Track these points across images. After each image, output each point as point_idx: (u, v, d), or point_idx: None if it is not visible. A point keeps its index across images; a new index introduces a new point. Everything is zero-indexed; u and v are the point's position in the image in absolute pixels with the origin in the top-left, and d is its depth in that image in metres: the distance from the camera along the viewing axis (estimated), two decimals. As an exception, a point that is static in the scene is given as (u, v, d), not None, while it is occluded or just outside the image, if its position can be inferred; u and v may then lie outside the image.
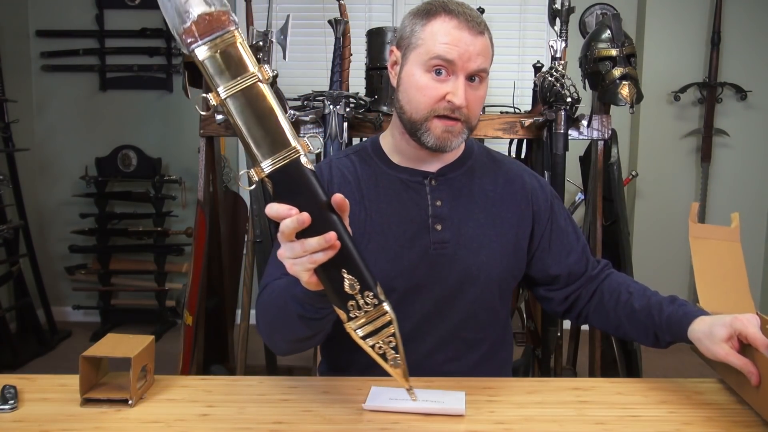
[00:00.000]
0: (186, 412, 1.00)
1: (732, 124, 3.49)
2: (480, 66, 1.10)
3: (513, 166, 1.27)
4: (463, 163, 1.22)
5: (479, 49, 1.09)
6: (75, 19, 3.68)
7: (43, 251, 3.65)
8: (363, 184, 1.20)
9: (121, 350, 1.03)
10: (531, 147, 2.49)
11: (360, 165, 1.22)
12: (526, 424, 0.97)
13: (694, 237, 1.29)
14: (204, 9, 0.81)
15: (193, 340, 2.35)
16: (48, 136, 3.75)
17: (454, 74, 1.09)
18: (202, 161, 2.36)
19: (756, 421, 0.98)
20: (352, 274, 0.84)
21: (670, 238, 3.40)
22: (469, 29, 1.09)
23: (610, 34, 2.26)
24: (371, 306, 0.85)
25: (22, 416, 0.98)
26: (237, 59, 0.83)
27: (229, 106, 0.83)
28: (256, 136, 0.83)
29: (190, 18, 0.81)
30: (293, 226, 0.82)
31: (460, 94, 1.08)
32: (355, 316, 0.86)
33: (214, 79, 0.82)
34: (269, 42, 2.28)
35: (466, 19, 1.10)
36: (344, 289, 0.85)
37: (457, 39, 1.08)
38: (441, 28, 1.09)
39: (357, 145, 1.29)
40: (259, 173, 0.84)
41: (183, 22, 0.81)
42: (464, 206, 1.19)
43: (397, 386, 1.06)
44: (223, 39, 0.82)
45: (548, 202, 1.25)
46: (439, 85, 1.09)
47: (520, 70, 3.44)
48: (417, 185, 1.19)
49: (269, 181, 0.83)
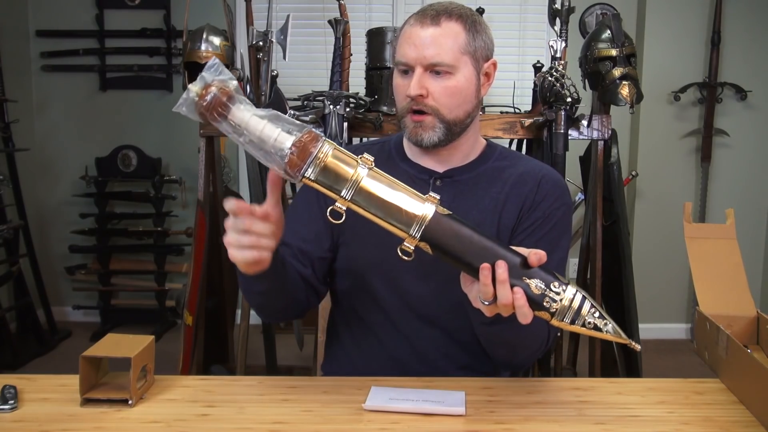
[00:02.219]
0: (186, 412, 1.00)
1: (732, 124, 3.48)
2: (433, 55, 1.10)
3: (533, 166, 1.23)
4: (473, 168, 1.21)
5: (431, 39, 1.11)
6: (75, 19, 3.67)
7: (43, 251, 3.64)
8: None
9: (121, 350, 1.03)
10: (531, 147, 2.49)
11: (378, 155, 1.22)
12: (526, 424, 0.97)
13: (690, 237, 1.29)
14: (292, 140, 0.87)
15: (193, 340, 2.35)
16: (48, 136, 3.75)
17: (413, 69, 1.12)
18: (202, 161, 2.36)
19: (754, 421, 0.98)
20: (531, 278, 0.90)
21: (670, 238, 3.39)
22: (422, 23, 1.12)
23: (610, 34, 2.26)
24: (561, 293, 0.90)
25: (22, 416, 0.98)
26: (341, 164, 0.90)
27: (358, 204, 0.90)
28: (393, 214, 0.90)
29: (286, 153, 0.87)
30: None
31: (413, 84, 1.11)
32: (555, 310, 0.90)
33: (333, 189, 0.90)
34: (269, 42, 2.28)
35: (423, 14, 1.13)
36: (535, 294, 0.90)
37: (409, 36, 1.13)
38: (404, 32, 1.15)
39: (383, 138, 1.34)
40: (413, 242, 0.91)
41: (283, 159, 0.88)
42: (463, 209, 1.17)
43: (397, 386, 1.06)
44: (320, 154, 0.89)
45: (545, 212, 1.18)
46: (405, 83, 1.14)
47: (520, 70, 3.43)
48: (422, 182, 1.20)
49: (426, 244, 0.91)
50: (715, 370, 1.16)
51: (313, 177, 0.88)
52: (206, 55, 2.29)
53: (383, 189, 0.90)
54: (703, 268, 1.26)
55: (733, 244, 1.28)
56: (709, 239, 1.29)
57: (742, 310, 1.23)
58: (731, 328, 1.17)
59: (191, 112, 0.89)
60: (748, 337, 1.23)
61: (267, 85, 2.27)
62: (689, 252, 1.27)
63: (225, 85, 0.88)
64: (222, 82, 0.88)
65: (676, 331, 3.60)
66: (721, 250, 1.27)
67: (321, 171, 0.88)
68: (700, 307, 1.22)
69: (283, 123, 0.89)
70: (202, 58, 2.28)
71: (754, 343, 1.23)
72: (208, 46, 2.30)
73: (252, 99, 2.25)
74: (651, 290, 3.40)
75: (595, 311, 0.90)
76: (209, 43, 2.30)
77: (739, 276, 1.25)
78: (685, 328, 3.62)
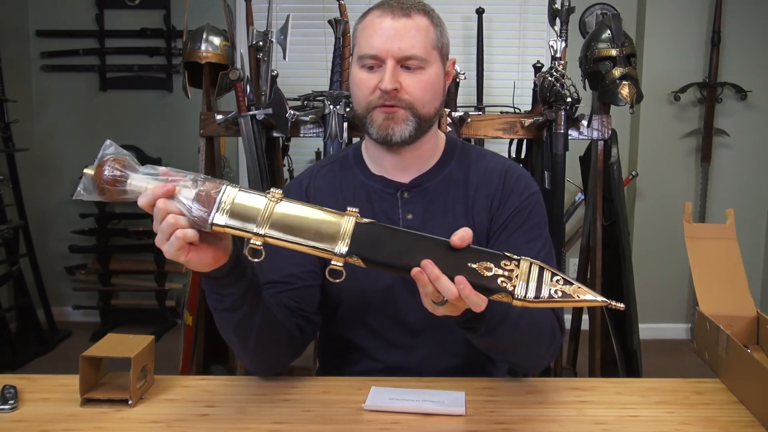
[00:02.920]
0: (186, 412, 1.00)
1: (732, 124, 3.48)
2: (406, 47, 1.06)
3: (494, 164, 1.20)
4: (439, 172, 1.18)
5: (403, 30, 1.07)
6: (75, 19, 3.67)
7: (43, 251, 3.64)
8: (343, 194, 1.18)
9: (121, 350, 1.03)
10: (531, 147, 2.49)
11: (341, 174, 1.21)
12: (526, 424, 0.97)
13: (690, 237, 1.28)
14: (194, 192, 0.86)
15: (193, 340, 2.35)
16: (48, 136, 3.75)
17: (383, 62, 1.07)
18: (202, 161, 2.36)
19: (754, 421, 0.98)
20: (477, 262, 0.85)
21: (670, 238, 3.39)
22: (391, 13, 1.08)
23: (610, 34, 2.26)
24: (514, 269, 0.85)
25: (22, 416, 0.98)
26: (248, 204, 0.86)
27: (275, 238, 0.86)
28: (313, 238, 0.86)
29: (194, 206, 0.86)
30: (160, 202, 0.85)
31: (387, 78, 1.06)
32: (513, 287, 0.84)
33: (245, 230, 0.85)
34: (269, 42, 2.28)
35: (390, 5, 1.09)
36: (485, 276, 0.84)
37: (378, 28, 1.08)
38: (368, 24, 1.10)
39: (342, 151, 1.27)
40: (340, 260, 0.85)
41: (190, 212, 0.86)
42: (437, 218, 1.15)
43: (397, 386, 1.06)
44: (225, 198, 0.86)
45: (515, 207, 1.15)
46: (372, 76, 1.09)
47: (520, 70, 3.43)
48: (389, 197, 1.16)
49: (356, 258, 0.86)
50: (715, 370, 1.16)
51: (222, 223, 0.85)
52: (206, 55, 2.29)
53: (297, 217, 0.86)
54: (703, 268, 1.26)
55: (733, 244, 1.28)
56: (709, 239, 1.28)
57: (742, 310, 1.23)
58: (731, 328, 1.17)
59: (91, 192, 0.87)
60: (748, 337, 1.23)
61: (267, 85, 2.27)
62: (689, 252, 1.27)
63: (119, 156, 0.87)
64: (116, 155, 0.88)
65: (676, 331, 3.60)
66: (721, 250, 1.27)
67: (230, 215, 0.85)
68: (700, 307, 1.22)
69: (184, 176, 0.87)
70: (202, 58, 2.29)
71: (754, 343, 1.23)
72: (208, 46, 2.30)
73: (252, 99, 2.25)
74: (651, 290, 3.40)
75: (559, 278, 0.84)
76: (209, 43, 2.30)
77: (739, 276, 1.25)
78: (685, 328, 3.62)
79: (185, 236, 0.84)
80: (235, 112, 2.24)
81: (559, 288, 0.84)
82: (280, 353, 1.10)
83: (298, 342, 1.12)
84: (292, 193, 1.20)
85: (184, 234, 0.84)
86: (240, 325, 1.00)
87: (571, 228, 3.43)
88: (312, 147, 3.32)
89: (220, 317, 1.00)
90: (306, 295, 1.13)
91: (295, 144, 3.09)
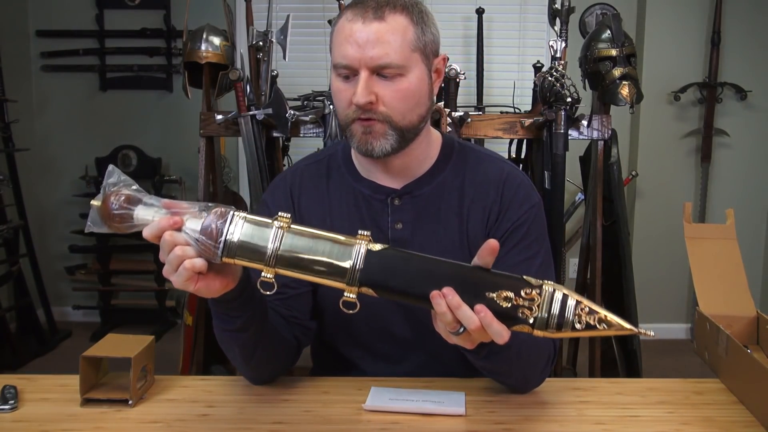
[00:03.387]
0: (186, 412, 1.00)
1: (732, 124, 3.48)
2: (379, 56, 0.97)
3: (493, 171, 1.12)
4: (433, 178, 1.11)
5: (375, 37, 0.97)
6: (75, 19, 3.67)
7: (43, 251, 3.64)
8: (330, 198, 1.13)
9: (121, 350, 1.03)
10: (531, 147, 2.49)
11: (330, 174, 1.14)
12: (526, 424, 0.97)
13: (690, 237, 1.28)
14: (201, 222, 0.83)
15: (193, 340, 2.35)
16: (48, 136, 3.75)
17: (357, 73, 0.99)
18: (202, 161, 2.36)
19: (754, 421, 0.98)
20: (495, 290, 0.80)
21: (670, 238, 3.39)
22: (363, 17, 0.98)
23: (610, 34, 2.26)
24: (536, 298, 0.79)
25: (22, 416, 0.98)
26: (256, 234, 0.82)
27: (285, 268, 0.82)
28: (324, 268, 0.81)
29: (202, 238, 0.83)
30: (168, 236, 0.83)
31: (359, 91, 0.97)
32: (534, 319, 0.79)
33: (255, 260, 0.82)
34: (269, 42, 2.28)
35: (363, 7, 0.99)
36: (504, 307, 0.79)
37: (349, 34, 0.98)
38: (340, 29, 1.00)
39: (330, 148, 1.19)
40: (353, 291, 0.81)
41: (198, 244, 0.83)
42: (428, 228, 1.09)
43: (396, 386, 1.06)
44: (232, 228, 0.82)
45: (514, 221, 1.09)
46: (347, 87, 1.00)
47: (520, 70, 3.43)
48: (378, 203, 1.10)
49: (368, 289, 0.81)
50: (715, 370, 1.16)
51: (232, 254, 0.82)
52: (206, 55, 2.29)
53: (308, 246, 0.82)
54: (703, 268, 1.26)
55: (733, 244, 1.28)
56: (709, 239, 1.28)
57: (742, 310, 1.23)
58: (731, 328, 1.17)
59: (100, 225, 0.87)
60: (748, 337, 1.23)
61: (267, 85, 2.27)
62: (689, 252, 1.27)
63: (122, 190, 0.86)
64: (119, 187, 0.87)
65: (676, 331, 3.60)
66: (721, 251, 1.27)
67: (239, 247, 0.82)
68: (700, 307, 1.22)
69: (189, 206, 0.86)
70: (202, 58, 2.29)
71: (754, 343, 1.23)
72: (208, 46, 2.30)
73: (252, 99, 2.25)
74: (651, 290, 3.40)
75: (584, 306, 0.78)
76: (209, 43, 2.30)
77: (739, 276, 1.25)
78: (685, 328, 3.62)
79: (194, 266, 0.82)
80: (235, 112, 2.24)
81: (585, 318, 0.78)
82: (279, 364, 1.09)
83: (295, 350, 1.11)
84: (277, 194, 1.16)
85: (192, 264, 0.82)
86: (246, 344, 0.98)
87: (571, 228, 3.43)
88: (312, 147, 3.31)
89: (228, 337, 0.97)
90: (298, 302, 1.10)
91: (295, 144, 3.09)
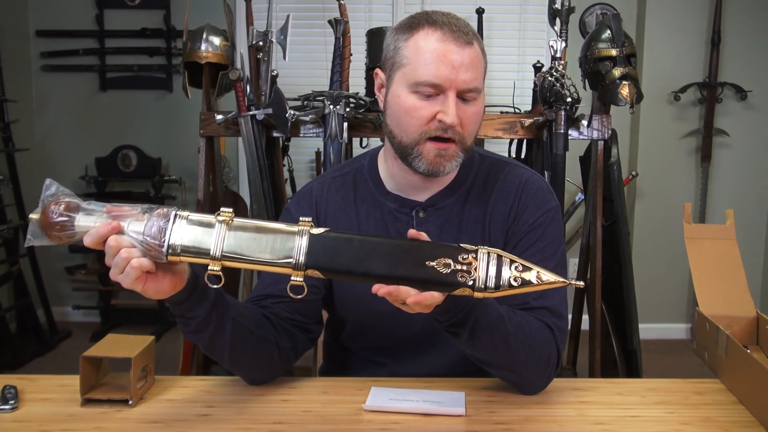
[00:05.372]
0: (186, 413, 1.00)
1: (732, 124, 3.48)
2: (470, 80, 1.00)
3: (512, 177, 1.15)
4: (456, 189, 1.14)
5: (468, 61, 1.00)
6: (75, 19, 3.67)
7: (43, 251, 3.64)
8: (357, 210, 1.15)
9: (122, 350, 1.03)
10: (531, 147, 2.49)
11: (357, 188, 1.17)
12: (526, 424, 0.97)
13: (689, 238, 1.28)
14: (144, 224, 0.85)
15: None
16: (48, 136, 3.75)
17: (444, 92, 1.00)
18: (202, 161, 2.36)
19: (754, 421, 0.98)
20: (435, 259, 0.84)
21: (670, 238, 3.39)
22: (455, 40, 1.00)
23: (610, 34, 2.26)
24: (472, 261, 0.84)
25: (22, 416, 0.98)
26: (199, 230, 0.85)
27: (232, 261, 0.84)
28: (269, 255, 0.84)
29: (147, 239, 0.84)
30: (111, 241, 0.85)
31: (451, 112, 0.99)
32: (473, 280, 0.83)
33: (201, 256, 0.84)
34: (269, 42, 2.28)
35: (452, 29, 1.01)
36: (444, 273, 0.84)
37: (442, 54, 0.99)
38: (425, 43, 1.01)
39: (356, 161, 1.21)
40: (299, 275, 0.84)
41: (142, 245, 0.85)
42: (451, 238, 1.11)
43: (396, 386, 1.06)
44: (177, 226, 0.85)
45: (530, 224, 1.11)
46: (428, 105, 1.01)
47: (520, 70, 3.43)
48: (404, 216, 1.13)
49: (314, 271, 0.85)
50: (714, 370, 1.16)
51: (178, 252, 0.84)
52: (206, 55, 2.29)
53: (252, 237, 0.85)
54: (702, 268, 1.26)
55: (733, 245, 1.28)
56: (708, 240, 1.29)
57: (742, 311, 1.23)
58: (731, 328, 1.17)
59: (41, 238, 0.86)
60: (747, 337, 1.23)
61: (267, 85, 2.27)
62: (689, 252, 1.27)
63: (62, 199, 0.86)
64: (58, 196, 0.87)
65: (676, 331, 3.60)
66: (720, 251, 1.27)
67: (183, 244, 0.84)
68: (700, 308, 1.22)
69: (132, 208, 0.86)
70: (202, 58, 2.29)
71: (754, 343, 1.23)
72: (208, 46, 2.30)
73: (252, 99, 2.25)
74: (651, 290, 3.40)
75: (518, 265, 0.84)
76: (209, 43, 2.30)
77: (738, 276, 1.26)
78: (685, 328, 3.62)
79: (141, 266, 0.83)
80: (235, 112, 2.24)
81: (519, 275, 0.84)
82: (264, 365, 1.08)
83: (289, 351, 1.09)
84: (301, 204, 1.17)
85: (140, 263, 0.83)
86: (210, 344, 1.00)
87: (571, 228, 3.43)
88: (312, 147, 3.32)
89: (190, 338, 1.00)
90: (304, 307, 1.10)
91: (295, 144, 3.10)
